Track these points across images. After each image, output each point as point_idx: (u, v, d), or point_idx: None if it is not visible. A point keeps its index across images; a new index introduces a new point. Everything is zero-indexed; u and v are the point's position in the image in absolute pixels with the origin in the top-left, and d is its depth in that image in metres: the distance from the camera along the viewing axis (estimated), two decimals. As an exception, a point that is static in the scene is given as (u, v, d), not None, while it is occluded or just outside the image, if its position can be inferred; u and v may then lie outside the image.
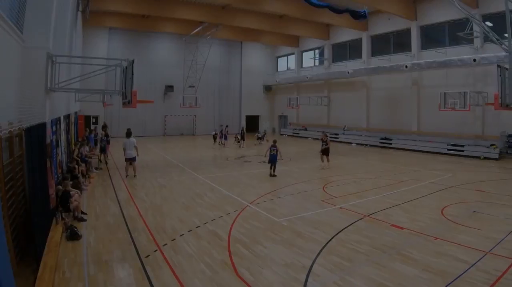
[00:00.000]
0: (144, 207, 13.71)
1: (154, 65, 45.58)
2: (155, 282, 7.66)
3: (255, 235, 10.71)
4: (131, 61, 15.01)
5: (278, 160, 20.38)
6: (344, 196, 15.65)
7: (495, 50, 25.69)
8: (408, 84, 35.41)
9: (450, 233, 10.76)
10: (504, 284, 7.49)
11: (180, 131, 48.39)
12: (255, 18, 39.26)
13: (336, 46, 45.75)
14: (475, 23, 21.57)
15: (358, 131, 40.45)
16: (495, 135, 28.25)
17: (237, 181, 19.08)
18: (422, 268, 8.37)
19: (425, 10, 33.53)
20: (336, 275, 8.08)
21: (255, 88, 54.80)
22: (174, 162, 24.68)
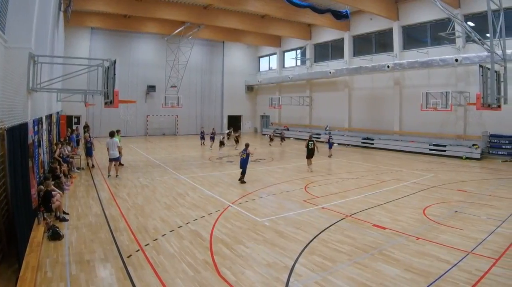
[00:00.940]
0: (126, 207, 13.71)
1: (136, 65, 45.51)
2: (137, 282, 7.68)
3: (237, 235, 10.74)
4: (113, 61, 14.98)
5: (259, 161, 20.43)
6: (326, 196, 15.72)
7: (477, 50, 25.94)
8: (390, 84, 35.58)
9: (432, 233, 10.85)
10: (486, 284, 7.58)
11: (162, 131, 48.33)
12: (237, 18, 39.29)
13: (318, 46, 45.90)
14: (457, 23, 21.63)
15: (340, 131, 40.49)
16: (477, 135, 28.45)
17: (219, 180, 19.12)
18: (404, 268, 8.45)
19: (407, 10, 33.72)
20: (318, 275, 8.13)
21: (237, 88, 54.87)
22: (156, 162, 24.64)
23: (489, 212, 13.16)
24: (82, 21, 37.78)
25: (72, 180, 18.05)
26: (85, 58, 28.25)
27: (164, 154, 29.53)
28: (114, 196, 15.41)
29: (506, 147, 27.11)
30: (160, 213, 13.04)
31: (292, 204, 14.48)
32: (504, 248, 9.51)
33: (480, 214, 12.79)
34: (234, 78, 54.19)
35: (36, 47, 12.12)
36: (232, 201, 14.73)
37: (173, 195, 15.80)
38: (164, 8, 35.47)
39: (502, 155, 27.15)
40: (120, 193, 16.11)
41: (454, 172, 22.19)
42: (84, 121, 40.40)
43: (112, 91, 14.97)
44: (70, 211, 12.83)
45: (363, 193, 16.32)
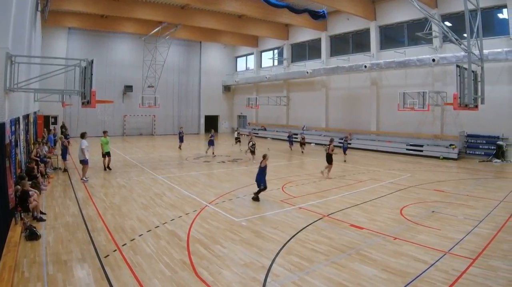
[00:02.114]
0: (103, 207, 13.68)
1: (113, 65, 45.30)
2: (114, 282, 7.66)
3: (214, 235, 10.75)
4: (90, 61, 14.93)
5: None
6: (303, 196, 15.77)
7: (454, 50, 26.24)
8: (367, 84, 35.78)
9: (409, 233, 10.92)
10: (463, 284, 7.65)
11: (140, 131, 48.21)
12: (214, 18, 39.24)
13: (295, 46, 46.01)
14: (434, 23, 21.84)
15: (317, 131, 40.69)
16: (454, 135, 28.66)
17: (196, 180, 19.12)
18: (381, 268, 8.50)
19: (384, 10, 33.92)
20: (295, 275, 8.15)
21: (214, 88, 54.91)
22: (133, 162, 24.55)
23: (466, 212, 13.27)
24: (60, 21, 37.41)
25: (49, 180, 17.93)
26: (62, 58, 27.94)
27: (141, 154, 29.45)
28: (91, 196, 15.34)
29: (483, 147, 27.35)
30: (137, 213, 13.02)
31: (269, 204, 14.50)
32: (481, 248, 9.59)
33: (457, 214, 12.89)
34: (211, 78, 54.19)
35: (13, 47, 11.97)
36: (209, 201, 14.74)
37: (150, 195, 15.77)
38: (141, 8, 35.31)
39: (479, 155, 27.40)
40: (97, 193, 16.06)
41: (431, 172, 22.36)
42: (61, 121, 40.05)
43: (89, 91, 14.92)
44: (47, 211, 12.75)
45: (340, 193, 16.39)
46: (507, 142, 26.11)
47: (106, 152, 21.41)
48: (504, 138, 26.24)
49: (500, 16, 27.05)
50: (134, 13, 35.19)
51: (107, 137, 21.89)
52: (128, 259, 8.82)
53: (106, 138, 21.61)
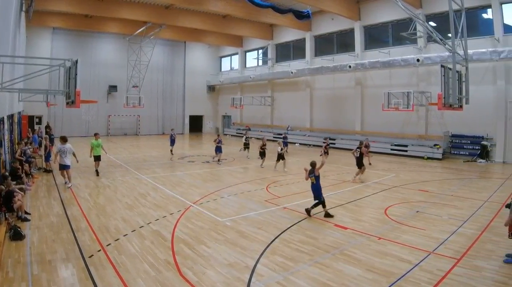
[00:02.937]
0: (88, 207, 13.64)
1: (98, 65, 45.14)
2: (98, 282, 7.64)
3: (199, 235, 10.74)
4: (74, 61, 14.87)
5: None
6: (288, 196, 15.79)
7: (439, 50, 26.39)
8: (352, 84, 35.84)
9: (394, 233, 10.96)
10: (448, 284, 7.68)
11: (124, 131, 48.11)
12: (198, 18, 39.20)
13: (279, 46, 46.05)
14: (419, 23, 21.82)
15: (302, 131, 40.72)
16: (438, 135, 28.81)
17: (181, 180, 19.12)
18: (365, 268, 8.52)
19: (368, 10, 34.00)
20: (280, 275, 8.16)
21: (199, 88, 54.84)
22: (117, 162, 24.46)
23: (450, 212, 13.32)
24: (44, 21, 37.23)
25: (34, 180, 17.84)
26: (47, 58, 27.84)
27: (125, 154, 29.38)
28: (76, 196, 15.29)
29: (468, 147, 27.49)
30: (122, 213, 12.99)
31: (253, 204, 14.53)
32: (465, 248, 9.63)
33: (441, 214, 12.93)
34: (196, 78, 54.13)
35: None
36: (193, 201, 14.73)
37: (134, 195, 15.76)
38: (126, 8, 35.21)
39: (463, 155, 27.53)
40: (82, 193, 16.01)
41: (415, 172, 22.43)
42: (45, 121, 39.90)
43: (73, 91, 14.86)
44: (32, 211, 12.70)
45: (325, 193, 16.06)
46: (491, 142, 26.30)
47: (97, 155, 20.28)
48: (489, 138, 26.42)
49: (484, 16, 27.24)
50: (118, 13, 35.08)
51: (99, 139, 20.60)
52: (112, 259, 8.79)
53: (98, 140, 20.38)
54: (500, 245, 9.77)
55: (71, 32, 42.46)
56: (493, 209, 13.63)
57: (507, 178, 20.09)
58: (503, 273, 8.19)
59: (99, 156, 20.37)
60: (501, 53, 23.97)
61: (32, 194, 15.37)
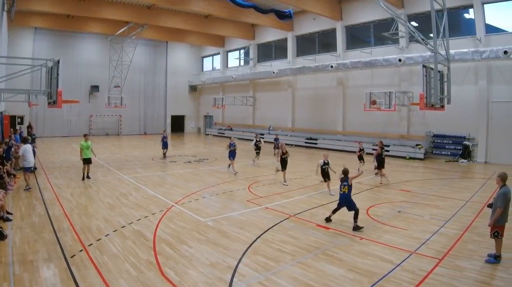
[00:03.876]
0: (70, 207, 13.59)
1: (80, 65, 44.97)
2: (80, 282, 7.63)
3: (181, 235, 10.75)
4: (56, 61, 14.85)
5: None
6: (270, 196, 15.82)
7: (421, 50, 26.52)
8: (334, 84, 35.89)
9: (376, 233, 10.99)
10: (430, 284, 7.71)
11: (106, 131, 47.98)
12: (180, 18, 39.16)
13: (261, 46, 46.07)
14: (401, 23, 21.90)
15: (284, 131, 40.57)
16: (420, 135, 28.87)
17: (163, 180, 19.22)
18: (347, 268, 8.55)
19: (350, 10, 34.03)
20: (262, 275, 8.18)
21: (181, 88, 54.86)
22: (99, 162, 24.22)
23: (432, 212, 13.39)
24: (26, 21, 37.07)
25: (16, 180, 17.64)
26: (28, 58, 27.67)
27: (107, 154, 29.22)
28: (58, 196, 15.21)
29: (450, 147, 27.62)
30: (104, 213, 12.98)
31: (235, 204, 14.59)
32: (447, 248, 9.68)
33: (423, 214, 12.99)
34: (178, 78, 54.14)
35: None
36: (175, 201, 14.74)
37: (116, 195, 15.73)
38: (108, 8, 35.06)
39: (445, 155, 27.67)
40: (64, 193, 15.94)
41: (397, 172, 22.49)
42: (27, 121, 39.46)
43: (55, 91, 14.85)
44: (14, 211, 12.63)
45: (307, 193, 16.47)
46: (473, 142, 26.46)
47: (87, 158, 18.90)
48: (470, 138, 26.59)
49: (466, 16, 27.42)
50: (100, 13, 34.95)
51: (88, 141, 19.26)
52: (94, 259, 8.78)
53: (87, 142, 19.05)
54: (482, 245, 9.82)
55: (53, 32, 42.30)
56: (475, 209, 13.70)
57: (489, 178, 20.12)
58: (484, 273, 8.24)
59: (89, 158, 19.06)
60: (483, 53, 24.11)
61: (13, 194, 15.27)
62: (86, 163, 18.87)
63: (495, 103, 25.33)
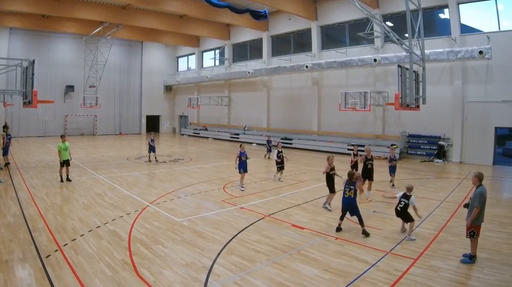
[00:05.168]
0: (45, 207, 13.48)
1: (55, 65, 44.73)
2: (55, 282, 7.59)
3: (156, 235, 10.72)
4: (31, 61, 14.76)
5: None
6: (245, 196, 15.85)
7: (396, 50, 26.66)
8: (309, 84, 36.02)
9: (351, 233, 11.03)
10: (405, 284, 7.76)
11: (81, 131, 47.76)
12: (155, 18, 39.13)
13: (236, 46, 46.10)
14: (376, 23, 21.87)
15: (259, 131, 40.79)
16: (395, 135, 28.98)
17: (138, 181, 19.08)
18: (322, 268, 8.57)
19: (325, 10, 34.15)
20: (237, 275, 8.18)
21: (156, 88, 54.82)
22: (74, 162, 23.87)
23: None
24: (1, 21, 36.81)
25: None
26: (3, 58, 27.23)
27: (82, 154, 28.96)
28: (33, 196, 15.08)
29: (425, 147, 27.83)
30: (79, 213, 12.89)
31: (210, 204, 14.56)
32: (422, 248, 9.75)
33: (399, 214, 13.11)
34: (153, 78, 54.10)
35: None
36: (150, 201, 14.70)
37: (91, 195, 15.63)
38: (83, 8, 34.89)
39: (420, 155, 27.87)
40: (39, 192, 15.80)
41: (373, 172, 22.67)
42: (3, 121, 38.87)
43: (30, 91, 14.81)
44: (-12, 211, 12.49)
45: (282, 193, 16.48)
46: (448, 142, 26.70)
47: (65, 159, 18.09)
48: (446, 138, 26.82)
49: (441, 17, 27.67)
50: (75, 13, 34.76)
51: (66, 142, 18.48)
52: (69, 259, 8.72)
53: (65, 143, 18.27)
54: (457, 245, 9.92)
55: (28, 32, 41.99)
56: (450, 209, 13.81)
57: (464, 178, 20.34)
58: (460, 273, 8.31)
59: (68, 160, 18.28)
60: (458, 53, 24.34)
61: (-13, 194, 15.13)
62: (65, 165, 18.21)
63: (470, 104, 25.58)
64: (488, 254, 9.27)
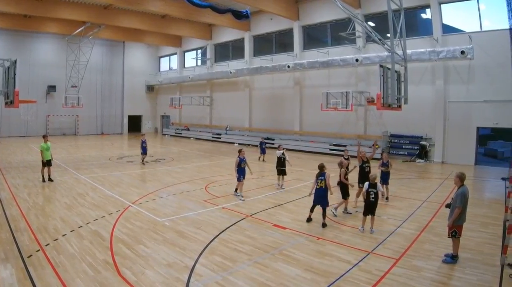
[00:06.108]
0: (27, 207, 13.43)
1: (37, 65, 44.50)
2: (37, 282, 7.56)
3: (138, 235, 10.70)
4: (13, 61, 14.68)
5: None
6: (227, 196, 15.84)
7: (378, 50, 26.80)
8: (291, 84, 36.06)
9: (333, 233, 11.05)
10: (387, 284, 7.77)
11: (63, 131, 47.55)
12: (137, 18, 39.01)
13: (218, 46, 46.08)
14: (358, 23, 21.80)
15: (241, 131, 40.84)
16: (377, 135, 28.81)
17: (120, 181, 19.00)
18: (304, 268, 8.57)
19: (307, 10, 34.16)
20: (219, 275, 8.17)
21: (138, 88, 54.65)
22: (56, 162, 23.81)
23: (389, 212, 13.57)
24: (-18, 22, 36.46)
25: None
26: (-15, 58, 26.80)
27: (64, 154, 28.85)
28: (15, 196, 15.04)
29: (407, 147, 27.87)
30: (61, 213, 12.85)
31: (192, 204, 14.56)
32: (404, 248, 9.78)
33: (380, 214, 12.95)
34: (135, 78, 53.93)
35: None
36: (132, 201, 14.68)
37: (73, 195, 15.58)
38: (65, 8, 34.65)
39: (402, 154, 27.89)
40: (21, 193, 15.74)
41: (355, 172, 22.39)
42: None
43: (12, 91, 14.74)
44: (-31, 211, 12.44)
45: (264, 193, 16.51)
46: (430, 142, 26.81)
47: (47, 159, 18.15)
48: (427, 138, 26.94)
49: (423, 17, 27.79)
50: (57, 13, 34.50)
51: (48, 142, 18.51)
52: (51, 259, 8.69)
53: (47, 143, 18.33)
54: (439, 245, 9.96)
55: (9, 32, 41.67)
56: (432, 209, 13.89)
57: (446, 178, 20.45)
58: (442, 273, 8.35)
59: (50, 160, 18.36)
60: (440, 53, 24.46)
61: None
62: (47, 164, 18.21)
63: (452, 103, 25.73)
64: (470, 254, 9.33)
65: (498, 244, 10.01)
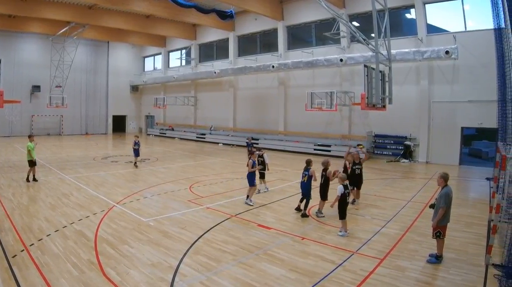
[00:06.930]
0: (11, 207, 13.37)
1: (21, 65, 44.27)
2: (22, 282, 7.54)
3: (122, 235, 10.67)
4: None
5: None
6: (211, 196, 15.83)
7: (362, 50, 26.80)
8: (275, 84, 36.05)
9: (317, 233, 11.06)
10: (371, 284, 7.79)
11: (47, 131, 47.28)
12: (121, 18, 38.91)
13: (203, 46, 46.07)
14: (342, 23, 21.97)
15: (225, 131, 40.82)
16: (361, 135, 28.98)
17: (104, 180, 18.93)
18: (289, 268, 8.58)
19: (291, 10, 34.20)
20: (203, 275, 8.17)
21: (122, 88, 54.55)
22: (40, 162, 23.68)
23: (374, 212, 13.57)
24: (-35, 22, 36.24)
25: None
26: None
27: (48, 154, 28.66)
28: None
29: (391, 147, 27.94)
30: (45, 213, 12.79)
31: (177, 204, 14.55)
32: (388, 248, 9.81)
33: (364, 214, 13.14)
34: (119, 78, 53.79)
35: None
36: (117, 201, 14.64)
37: (57, 195, 15.51)
38: (49, 8, 34.47)
39: (387, 155, 27.98)
40: (5, 192, 15.66)
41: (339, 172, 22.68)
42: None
43: None
44: (-47, 212, 12.36)
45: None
46: (414, 142, 26.90)
47: (35, 159, 18.24)
48: (412, 138, 27.02)
49: (408, 17, 27.92)
50: (41, 13, 34.30)
51: (33, 142, 18.37)
52: (35, 259, 8.66)
53: (33, 143, 18.26)
54: (423, 245, 9.99)
55: (-6, 32, 41.46)
56: (416, 209, 13.92)
57: (430, 178, 20.49)
58: (426, 273, 8.38)
59: (35, 160, 18.30)
60: (424, 53, 24.54)
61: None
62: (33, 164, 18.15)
63: (436, 104, 25.83)
64: (454, 254, 9.36)
65: (482, 244, 10.04)
